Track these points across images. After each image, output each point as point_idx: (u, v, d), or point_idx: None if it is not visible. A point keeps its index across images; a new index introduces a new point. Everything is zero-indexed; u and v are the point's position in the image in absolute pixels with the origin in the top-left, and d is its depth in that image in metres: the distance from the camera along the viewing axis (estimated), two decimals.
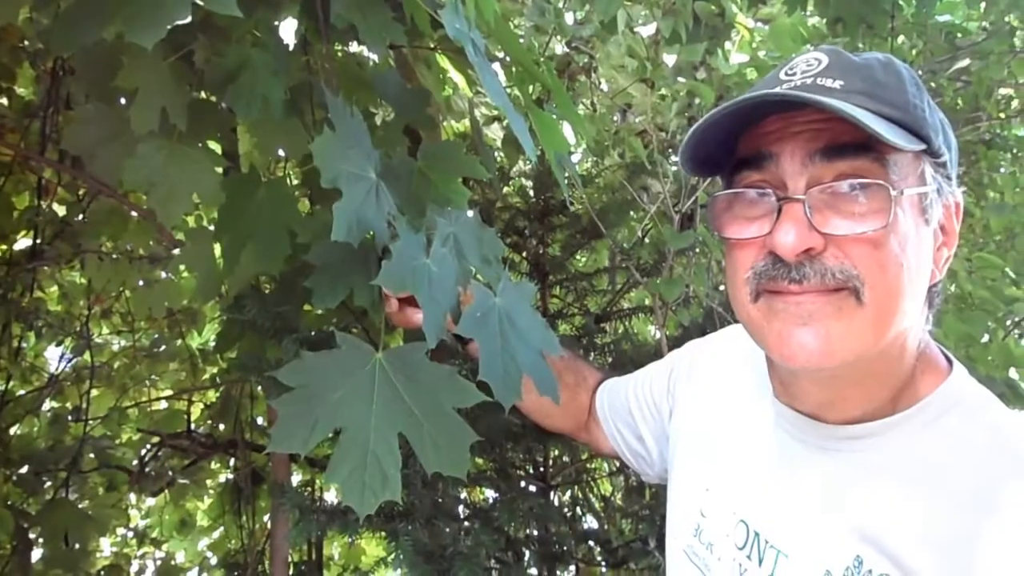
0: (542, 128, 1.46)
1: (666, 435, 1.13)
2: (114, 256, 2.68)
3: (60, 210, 2.88)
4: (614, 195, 2.69)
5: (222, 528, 3.68)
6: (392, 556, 1.90)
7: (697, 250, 2.50)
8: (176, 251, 2.03)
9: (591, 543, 2.39)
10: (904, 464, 0.77)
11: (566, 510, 2.58)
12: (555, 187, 2.62)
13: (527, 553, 2.26)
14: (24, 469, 3.06)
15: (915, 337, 0.80)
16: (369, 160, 0.94)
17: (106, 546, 3.86)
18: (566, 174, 1.50)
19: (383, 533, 1.85)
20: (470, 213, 1.01)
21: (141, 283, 2.83)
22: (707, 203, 0.94)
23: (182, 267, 2.59)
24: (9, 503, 2.92)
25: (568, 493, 2.75)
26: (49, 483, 3.17)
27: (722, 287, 2.40)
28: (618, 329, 2.70)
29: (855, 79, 0.73)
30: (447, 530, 1.91)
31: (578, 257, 2.82)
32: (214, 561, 3.85)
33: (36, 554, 3.04)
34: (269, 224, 1.29)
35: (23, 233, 2.81)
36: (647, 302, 2.97)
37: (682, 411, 1.10)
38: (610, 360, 2.39)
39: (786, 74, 0.77)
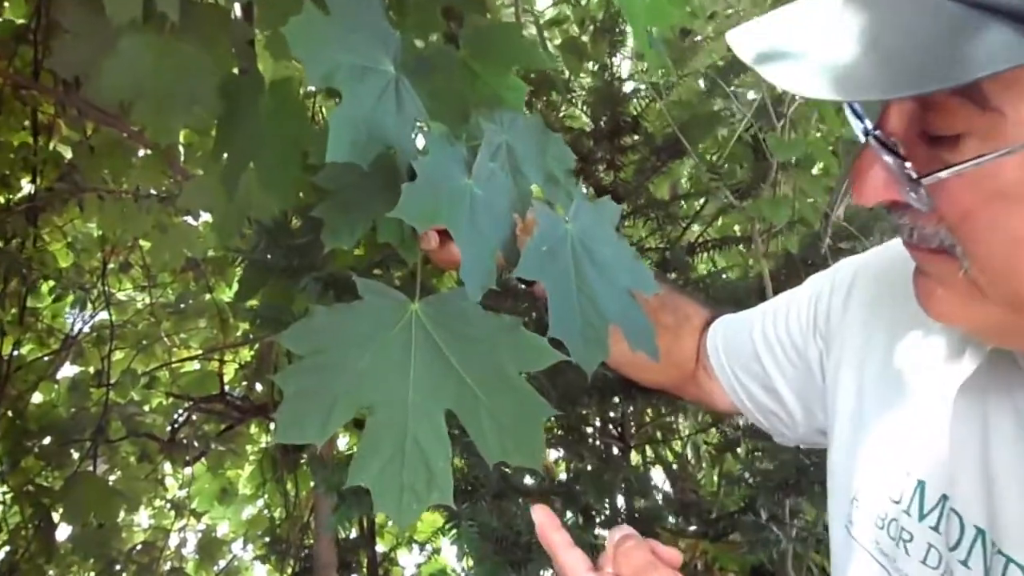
0: None
1: (816, 386, 0.91)
2: (124, 195, 2.39)
3: (67, 152, 2.67)
4: (694, 109, 2.36)
5: (265, 497, 3.57)
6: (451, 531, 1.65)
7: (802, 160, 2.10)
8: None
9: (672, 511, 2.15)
10: None
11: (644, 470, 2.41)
12: (625, 102, 2.31)
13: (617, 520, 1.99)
14: (46, 440, 2.92)
15: None
16: (385, 48, 0.74)
17: (145, 518, 3.78)
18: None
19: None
20: (531, 116, 0.82)
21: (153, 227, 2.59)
22: None
23: (195, 204, 2.32)
24: (31, 479, 2.78)
25: (647, 453, 2.61)
26: (78, 455, 3.02)
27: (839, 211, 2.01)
28: (699, 265, 2.41)
29: None
30: (517, 511, 1.61)
31: (654, 182, 2.51)
32: (260, 532, 3.72)
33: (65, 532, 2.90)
34: (272, 138, 1.03)
35: (25, 177, 2.63)
36: (736, 230, 2.63)
37: (841, 354, 0.86)
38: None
39: None
